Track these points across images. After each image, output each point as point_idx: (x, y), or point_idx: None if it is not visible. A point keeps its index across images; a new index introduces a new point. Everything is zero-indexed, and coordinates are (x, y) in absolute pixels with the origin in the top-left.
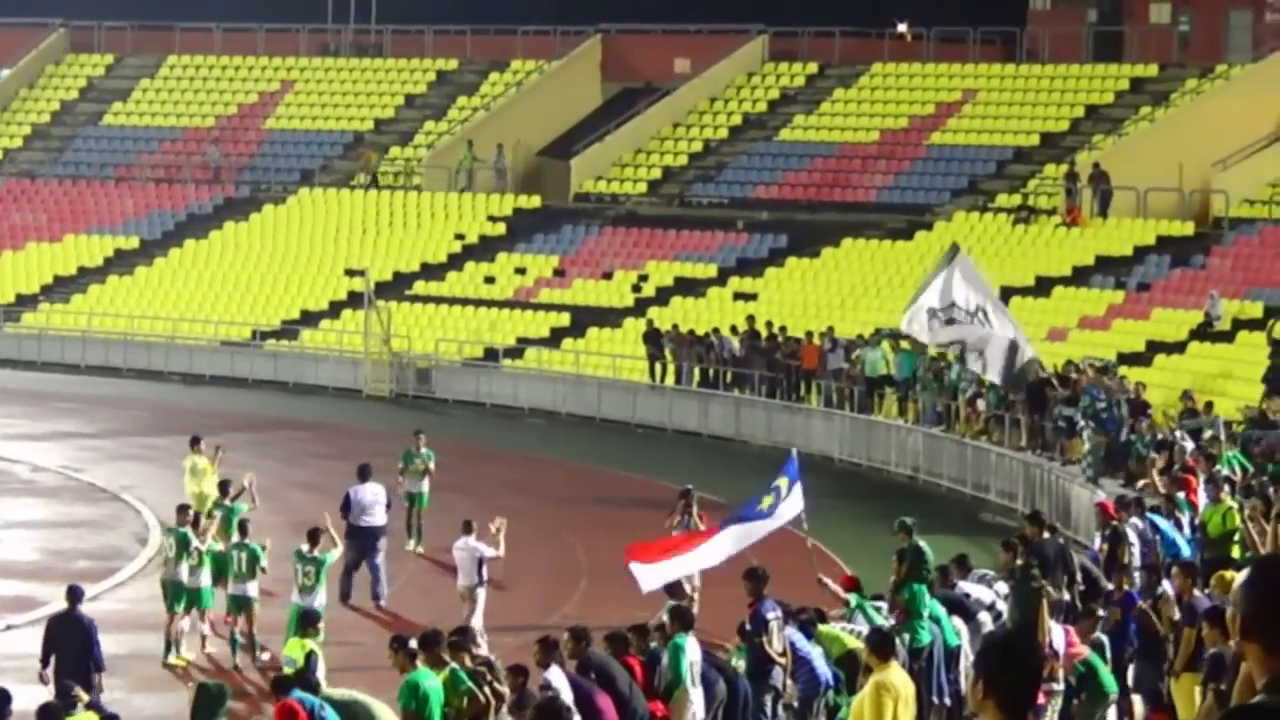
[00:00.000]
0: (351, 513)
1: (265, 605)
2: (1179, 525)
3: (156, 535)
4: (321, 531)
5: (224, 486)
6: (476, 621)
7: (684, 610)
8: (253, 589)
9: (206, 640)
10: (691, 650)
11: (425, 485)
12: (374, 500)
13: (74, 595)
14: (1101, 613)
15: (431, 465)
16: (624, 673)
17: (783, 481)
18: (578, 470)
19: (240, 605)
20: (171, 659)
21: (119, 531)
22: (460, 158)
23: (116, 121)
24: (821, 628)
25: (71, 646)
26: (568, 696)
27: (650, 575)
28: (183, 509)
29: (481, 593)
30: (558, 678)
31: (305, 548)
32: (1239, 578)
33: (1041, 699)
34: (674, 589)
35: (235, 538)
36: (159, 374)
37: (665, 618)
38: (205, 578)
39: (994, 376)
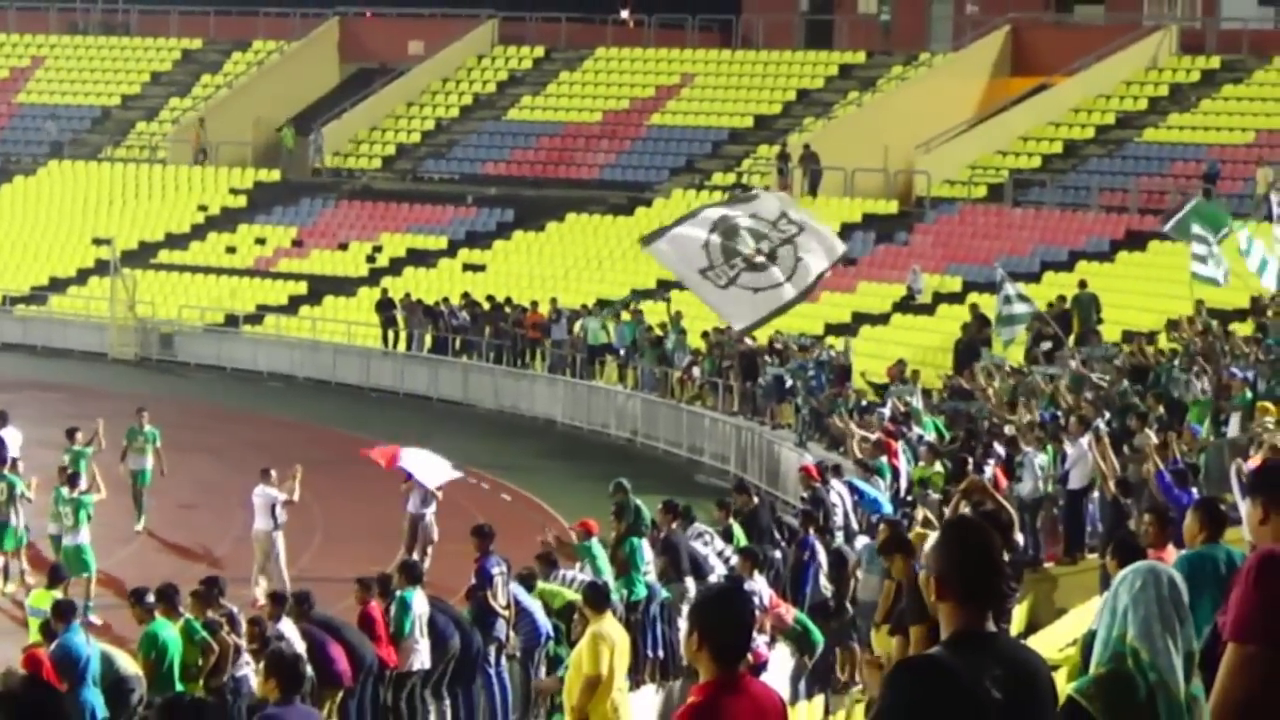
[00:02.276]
0: None
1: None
2: (878, 486)
3: None
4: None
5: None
6: (281, 565)
7: (412, 565)
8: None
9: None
10: (418, 603)
11: (149, 462)
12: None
13: None
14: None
15: (157, 444)
16: (349, 625)
17: None
18: (315, 431)
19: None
20: None
21: None
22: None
23: None
24: (541, 584)
25: None
26: (300, 646)
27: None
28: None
29: (279, 536)
30: (289, 629)
31: (65, 490)
32: (930, 540)
33: (764, 652)
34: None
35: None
36: None
37: (394, 572)
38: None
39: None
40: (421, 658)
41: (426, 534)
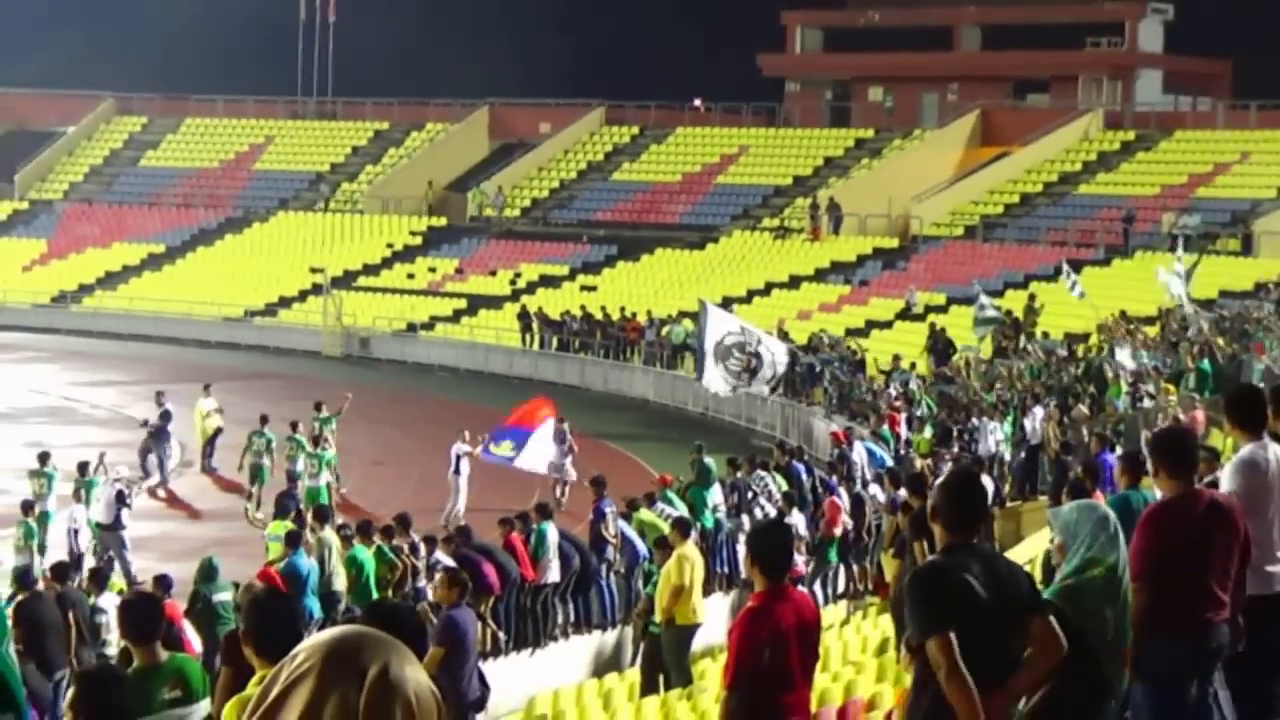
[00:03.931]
0: None
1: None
2: (886, 447)
3: (178, 453)
4: (90, 465)
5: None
6: (461, 500)
7: (544, 505)
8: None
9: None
10: (551, 534)
11: (267, 461)
12: None
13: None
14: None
15: (273, 447)
16: (499, 549)
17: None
18: (471, 409)
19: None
20: None
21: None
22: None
23: (149, 164)
24: (646, 516)
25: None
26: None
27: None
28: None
29: (463, 480)
30: (443, 557)
31: (310, 446)
32: (940, 480)
33: (801, 569)
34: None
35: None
36: (178, 340)
37: (532, 510)
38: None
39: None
40: (553, 573)
41: (565, 476)
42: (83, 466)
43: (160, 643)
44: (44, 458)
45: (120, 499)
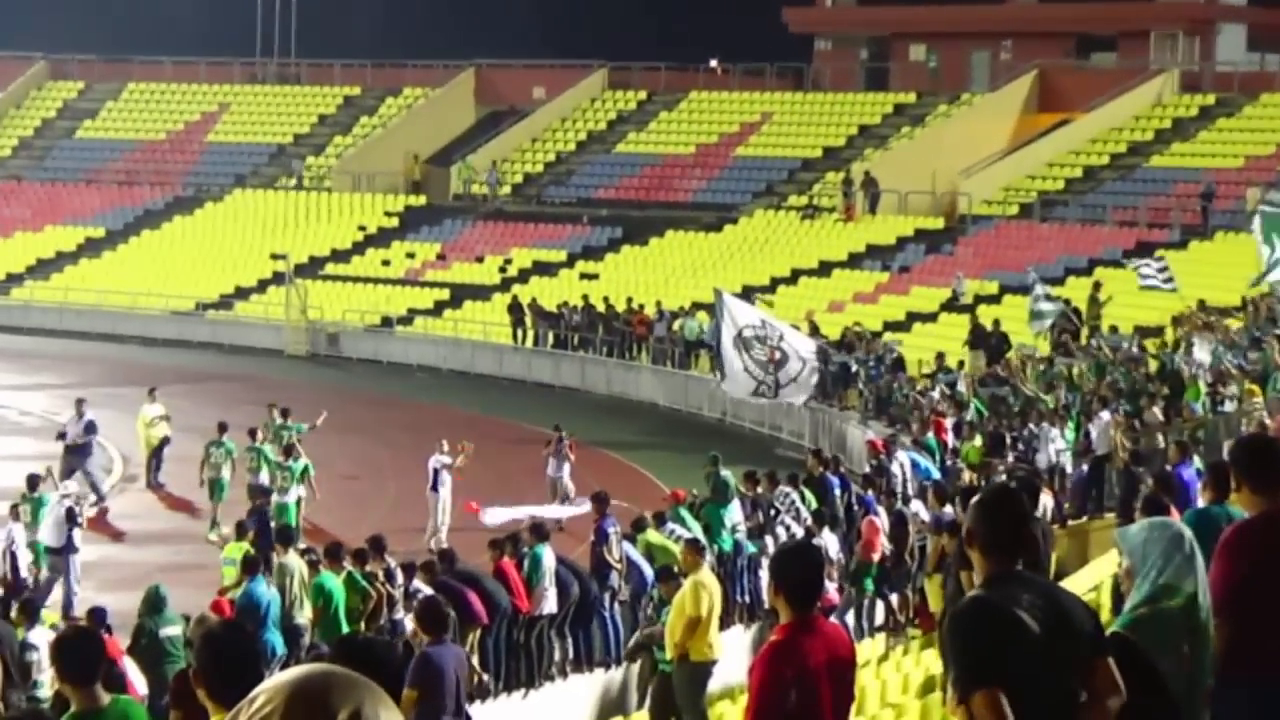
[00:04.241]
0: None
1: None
2: (931, 457)
3: (119, 466)
4: (41, 478)
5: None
6: (444, 520)
7: (539, 526)
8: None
9: None
10: (547, 558)
11: (227, 474)
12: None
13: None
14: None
15: (234, 457)
16: (487, 575)
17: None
18: (456, 414)
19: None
20: None
21: (89, 462)
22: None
23: (87, 135)
24: (654, 537)
25: None
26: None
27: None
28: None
29: (445, 496)
30: (421, 586)
31: (279, 459)
32: (975, 498)
33: (833, 597)
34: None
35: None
36: (120, 337)
37: (526, 532)
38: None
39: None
40: (549, 603)
41: (564, 491)
42: (32, 480)
43: (100, 684)
44: None
45: (71, 518)
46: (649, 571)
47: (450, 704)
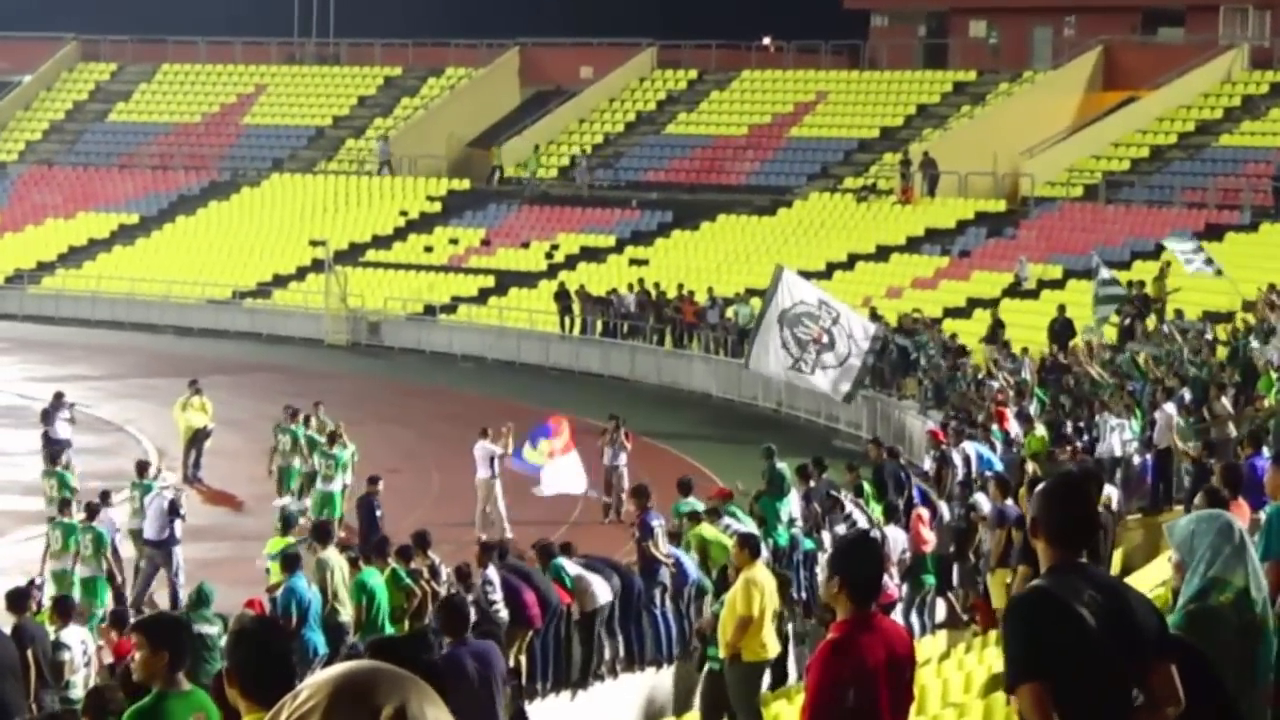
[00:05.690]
0: None
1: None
2: (993, 448)
3: (155, 459)
4: (148, 463)
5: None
6: (501, 510)
7: (546, 545)
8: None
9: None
10: (569, 566)
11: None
12: None
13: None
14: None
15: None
16: (539, 573)
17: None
18: (501, 405)
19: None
20: None
21: (122, 457)
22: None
23: (119, 118)
24: (708, 532)
25: None
26: (499, 592)
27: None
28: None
29: (497, 484)
30: (493, 574)
31: (326, 446)
32: (1040, 486)
33: (894, 592)
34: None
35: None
36: (155, 327)
37: (534, 550)
38: None
39: (831, 382)
40: (603, 594)
41: (620, 481)
42: (141, 466)
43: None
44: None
45: (174, 509)
46: (690, 565)
47: (482, 706)
